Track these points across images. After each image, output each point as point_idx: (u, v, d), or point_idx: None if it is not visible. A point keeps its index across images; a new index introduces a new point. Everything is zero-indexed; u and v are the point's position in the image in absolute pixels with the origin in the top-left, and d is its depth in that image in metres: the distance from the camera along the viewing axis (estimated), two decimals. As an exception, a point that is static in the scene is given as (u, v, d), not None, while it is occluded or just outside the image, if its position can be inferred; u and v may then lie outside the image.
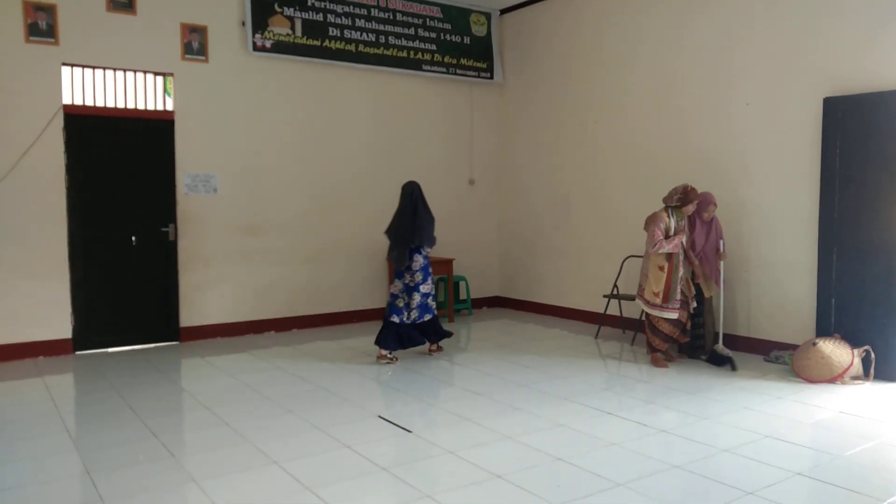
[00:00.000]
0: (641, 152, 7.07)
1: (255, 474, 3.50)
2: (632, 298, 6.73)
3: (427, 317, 5.93)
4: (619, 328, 7.18)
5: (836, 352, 5.07)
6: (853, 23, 5.39)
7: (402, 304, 5.85)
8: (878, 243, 5.17)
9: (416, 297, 5.85)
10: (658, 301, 5.60)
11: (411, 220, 5.84)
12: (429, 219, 5.94)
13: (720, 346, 5.72)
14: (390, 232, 5.96)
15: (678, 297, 5.59)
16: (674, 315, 5.62)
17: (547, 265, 8.24)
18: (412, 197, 5.93)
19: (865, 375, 5.14)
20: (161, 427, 4.22)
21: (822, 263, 5.46)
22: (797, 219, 5.73)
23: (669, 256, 5.58)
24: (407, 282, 5.88)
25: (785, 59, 5.82)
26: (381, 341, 5.82)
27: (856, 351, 5.11)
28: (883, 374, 5.14)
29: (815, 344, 5.15)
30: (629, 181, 7.21)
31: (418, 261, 5.85)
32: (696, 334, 5.89)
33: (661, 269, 5.57)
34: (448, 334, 6.17)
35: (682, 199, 5.64)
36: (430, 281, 5.93)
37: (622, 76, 7.24)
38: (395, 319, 5.82)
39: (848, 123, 5.31)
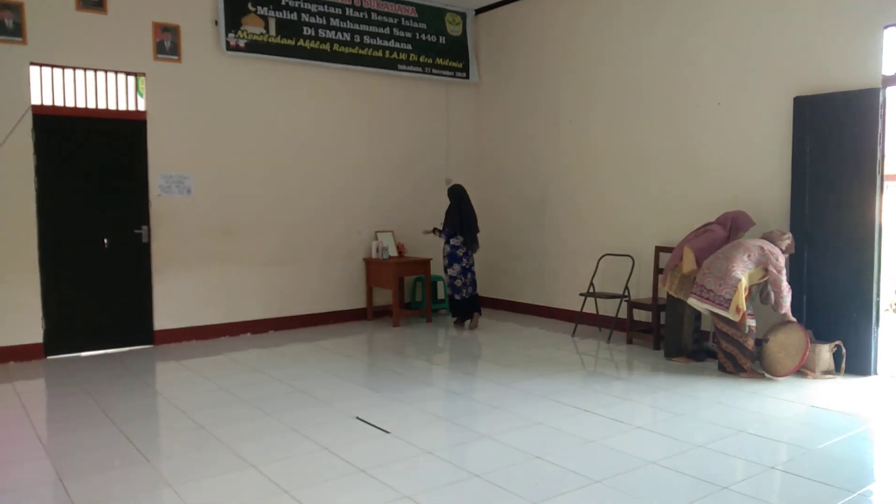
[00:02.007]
0: (616, 151, 7.12)
1: (231, 477, 3.47)
2: (608, 296, 6.79)
3: (475, 291, 7.43)
4: (596, 326, 7.22)
5: (787, 340, 5.15)
6: (823, 23, 5.48)
7: (460, 284, 7.27)
8: (848, 240, 5.26)
9: (470, 276, 7.35)
10: (738, 318, 5.14)
11: (471, 214, 7.35)
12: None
13: (710, 343, 5.86)
14: (459, 226, 7.25)
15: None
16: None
17: (523, 264, 8.27)
18: (466, 195, 7.40)
19: (836, 370, 5.23)
20: (135, 431, 4.17)
21: (793, 260, 5.54)
22: (769, 216, 5.81)
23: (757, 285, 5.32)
24: (464, 265, 7.26)
25: (755, 58, 5.90)
26: (454, 312, 7.44)
27: (827, 346, 5.21)
28: (854, 369, 5.24)
29: (766, 341, 5.23)
30: (604, 180, 7.26)
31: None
32: (697, 338, 5.83)
33: (746, 289, 5.19)
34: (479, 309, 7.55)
35: (789, 248, 5.34)
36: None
37: (596, 76, 7.29)
38: (458, 297, 7.31)
39: (818, 122, 5.40)
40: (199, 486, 3.38)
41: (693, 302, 5.37)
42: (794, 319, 5.24)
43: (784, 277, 5.17)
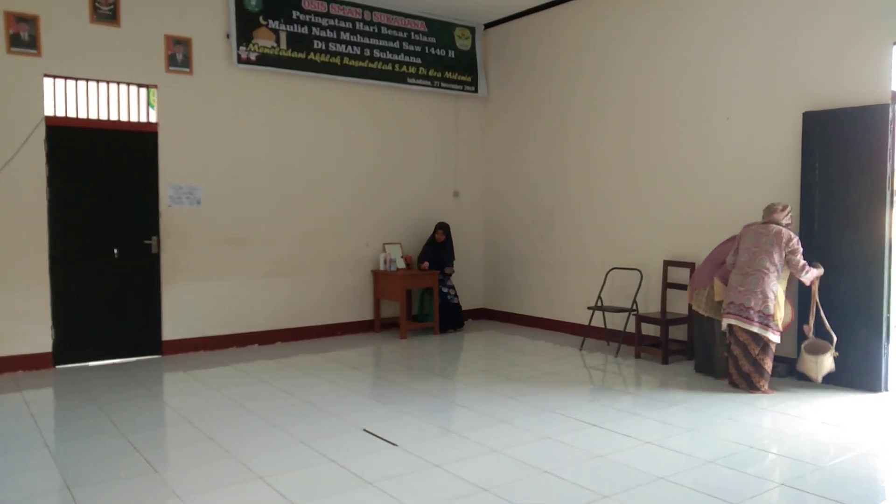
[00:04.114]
0: (624, 166, 7.13)
1: (239, 489, 3.47)
2: (616, 310, 6.77)
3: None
4: (604, 340, 7.20)
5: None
6: (832, 38, 5.49)
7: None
8: (857, 255, 5.24)
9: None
10: (781, 329, 5.16)
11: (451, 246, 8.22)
12: None
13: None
14: (452, 256, 8.18)
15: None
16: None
17: (531, 277, 8.27)
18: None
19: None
20: (144, 442, 4.17)
21: (802, 275, 5.52)
22: (778, 231, 5.79)
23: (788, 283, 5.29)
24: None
25: (765, 73, 5.91)
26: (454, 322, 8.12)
27: (829, 352, 5.20)
28: (864, 385, 5.21)
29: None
30: (612, 194, 7.26)
31: None
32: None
33: (786, 293, 5.19)
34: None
35: (791, 220, 5.35)
36: None
37: (605, 90, 7.31)
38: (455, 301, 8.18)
39: (827, 137, 5.40)
40: (206, 497, 3.37)
41: (734, 322, 5.16)
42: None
43: (801, 260, 5.10)
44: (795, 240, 5.15)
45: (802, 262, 5.14)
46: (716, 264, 5.65)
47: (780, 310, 5.16)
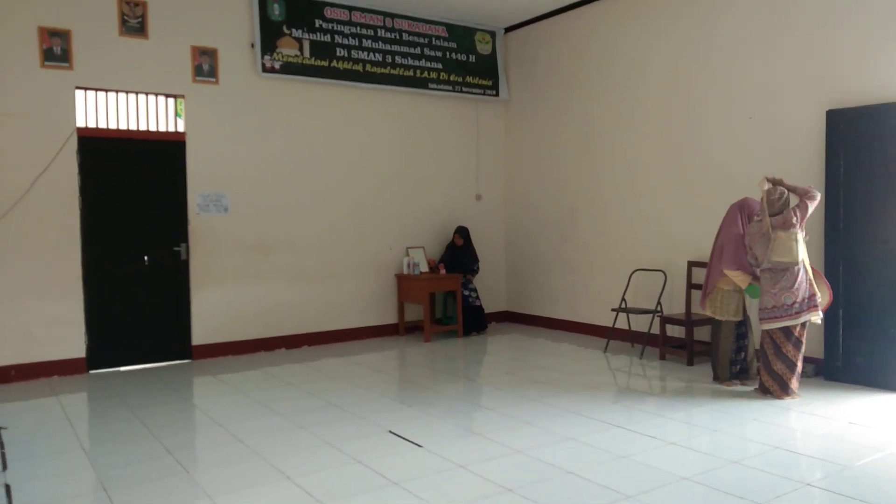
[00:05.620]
0: (646, 166, 7.12)
1: (268, 489, 3.54)
2: (640, 312, 6.76)
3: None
4: (628, 342, 7.19)
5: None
6: (856, 35, 5.44)
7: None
8: (884, 255, 5.19)
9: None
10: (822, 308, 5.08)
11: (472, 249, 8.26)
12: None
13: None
14: (475, 259, 8.20)
15: None
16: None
17: (554, 279, 8.28)
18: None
19: None
20: (175, 444, 4.27)
21: (828, 276, 5.45)
22: (803, 231, 5.74)
23: None
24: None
25: (788, 72, 5.88)
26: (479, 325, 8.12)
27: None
28: (892, 386, 5.14)
29: None
30: (635, 195, 7.25)
31: None
32: (737, 358, 5.53)
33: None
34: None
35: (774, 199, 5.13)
36: None
37: (626, 92, 7.31)
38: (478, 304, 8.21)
39: (852, 135, 5.35)
40: (236, 497, 3.45)
41: (778, 325, 4.98)
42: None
43: (805, 211, 4.98)
44: (788, 215, 4.98)
45: (805, 211, 4.98)
46: (723, 262, 5.41)
47: (816, 283, 5.02)
